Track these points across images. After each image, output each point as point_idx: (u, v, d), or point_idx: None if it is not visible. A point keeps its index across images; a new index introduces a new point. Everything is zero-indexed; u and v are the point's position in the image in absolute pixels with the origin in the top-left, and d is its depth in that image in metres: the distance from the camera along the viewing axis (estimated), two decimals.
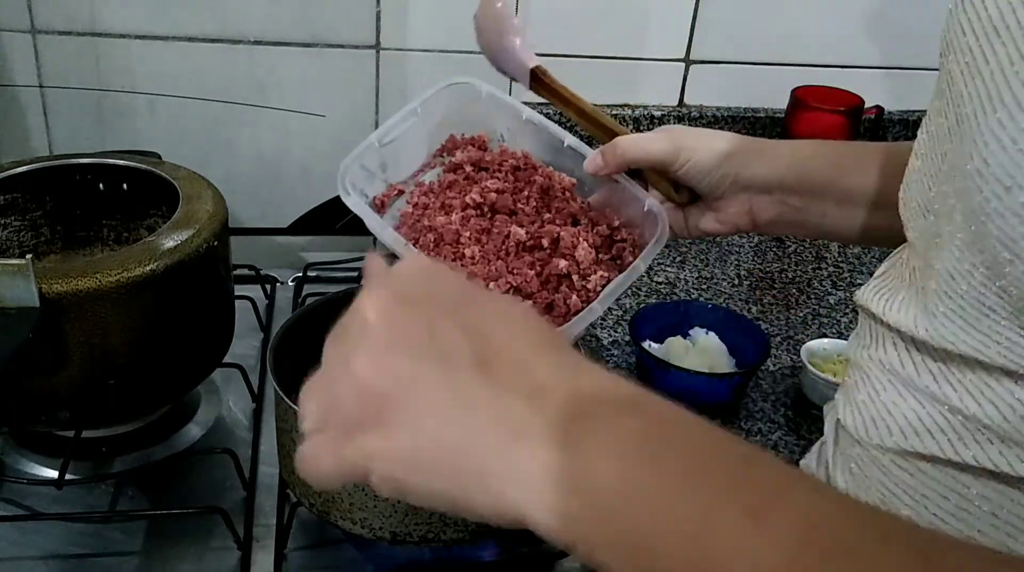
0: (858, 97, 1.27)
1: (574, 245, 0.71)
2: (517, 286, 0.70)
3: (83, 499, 0.88)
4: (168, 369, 0.88)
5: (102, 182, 1.00)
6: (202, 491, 0.90)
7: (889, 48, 1.39)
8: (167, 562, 0.82)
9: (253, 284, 1.18)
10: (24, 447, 0.93)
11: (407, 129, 0.78)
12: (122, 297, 0.79)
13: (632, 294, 1.11)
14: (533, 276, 0.70)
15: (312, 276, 1.22)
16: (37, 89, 1.22)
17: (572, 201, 0.77)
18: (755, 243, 1.26)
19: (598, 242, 0.74)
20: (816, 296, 1.15)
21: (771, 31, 1.35)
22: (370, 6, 1.23)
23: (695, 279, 1.16)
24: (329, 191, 1.32)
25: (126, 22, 1.20)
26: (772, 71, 1.37)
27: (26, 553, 0.82)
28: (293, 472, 0.81)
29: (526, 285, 0.70)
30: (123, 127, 1.25)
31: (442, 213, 0.74)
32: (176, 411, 0.99)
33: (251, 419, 0.99)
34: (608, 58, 1.34)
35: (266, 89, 1.26)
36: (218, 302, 0.94)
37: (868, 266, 1.22)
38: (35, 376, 0.80)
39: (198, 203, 0.90)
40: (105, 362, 0.81)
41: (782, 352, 1.04)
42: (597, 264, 0.72)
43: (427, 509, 0.75)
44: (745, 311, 1.10)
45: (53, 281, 0.76)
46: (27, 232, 1.00)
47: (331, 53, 1.25)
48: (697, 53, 1.36)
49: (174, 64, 1.22)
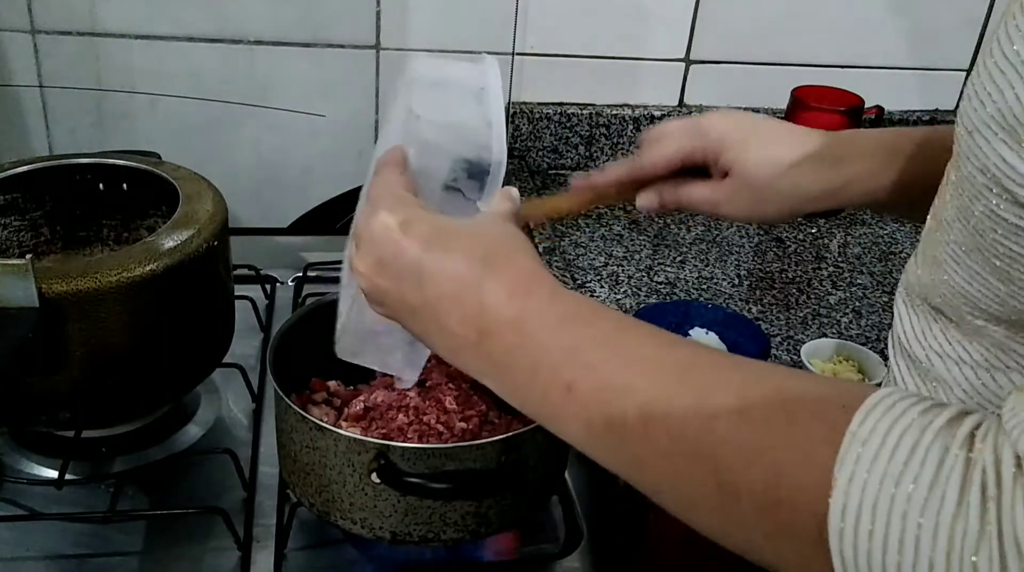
0: (858, 97, 1.27)
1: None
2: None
3: (83, 499, 0.88)
4: (168, 369, 0.88)
5: (102, 182, 1.00)
6: (202, 491, 0.90)
7: (889, 48, 1.40)
8: (167, 562, 0.82)
9: (253, 284, 1.18)
10: (24, 447, 0.93)
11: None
12: (122, 297, 0.79)
13: (632, 294, 1.11)
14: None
15: (312, 276, 1.22)
16: (37, 89, 1.22)
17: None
18: (755, 243, 1.26)
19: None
20: (816, 296, 1.15)
21: (771, 31, 1.35)
22: (370, 6, 1.23)
23: (695, 279, 1.16)
24: (329, 191, 1.33)
25: (126, 22, 1.20)
26: (772, 71, 1.37)
27: (26, 553, 0.82)
28: (293, 472, 0.81)
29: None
30: (123, 127, 1.25)
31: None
32: (176, 411, 0.99)
33: (251, 419, 0.99)
34: (608, 58, 1.34)
35: (266, 89, 1.26)
36: (218, 302, 0.94)
37: (868, 266, 1.22)
38: (35, 376, 0.79)
39: (198, 203, 0.90)
40: (105, 362, 0.81)
41: (782, 352, 1.04)
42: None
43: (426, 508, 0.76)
44: (745, 311, 1.10)
45: (53, 281, 0.76)
46: (27, 232, 1.00)
47: (331, 53, 1.25)
48: (697, 53, 1.36)
49: (174, 64, 1.22)
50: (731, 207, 0.74)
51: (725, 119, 0.74)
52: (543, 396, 0.48)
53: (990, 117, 0.44)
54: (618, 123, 1.37)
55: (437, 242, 0.52)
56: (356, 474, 0.74)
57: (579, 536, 0.88)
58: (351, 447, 0.74)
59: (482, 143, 0.61)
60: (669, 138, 0.74)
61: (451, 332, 0.51)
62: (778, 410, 0.40)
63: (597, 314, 0.49)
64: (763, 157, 0.72)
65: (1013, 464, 0.34)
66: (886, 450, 0.36)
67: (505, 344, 0.49)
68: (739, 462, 0.40)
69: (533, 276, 0.51)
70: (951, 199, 0.51)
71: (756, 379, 0.43)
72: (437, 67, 0.64)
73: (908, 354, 0.58)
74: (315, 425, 0.75)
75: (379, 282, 0.54)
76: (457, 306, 0.51)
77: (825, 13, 1.35)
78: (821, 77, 1.34)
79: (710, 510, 0.42)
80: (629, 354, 0.46)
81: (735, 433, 0.41)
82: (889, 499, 0.35)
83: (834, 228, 1.32)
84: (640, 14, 1.31)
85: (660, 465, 0.44)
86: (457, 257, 0.51)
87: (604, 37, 1.32)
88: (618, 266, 1.16)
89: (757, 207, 0.74)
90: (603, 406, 0.45)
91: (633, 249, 1.21)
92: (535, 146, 1.37)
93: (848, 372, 0.96)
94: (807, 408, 0.40)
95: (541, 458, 0.79)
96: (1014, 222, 0.45)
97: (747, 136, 0.72)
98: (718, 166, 0.73)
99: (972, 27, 1.40)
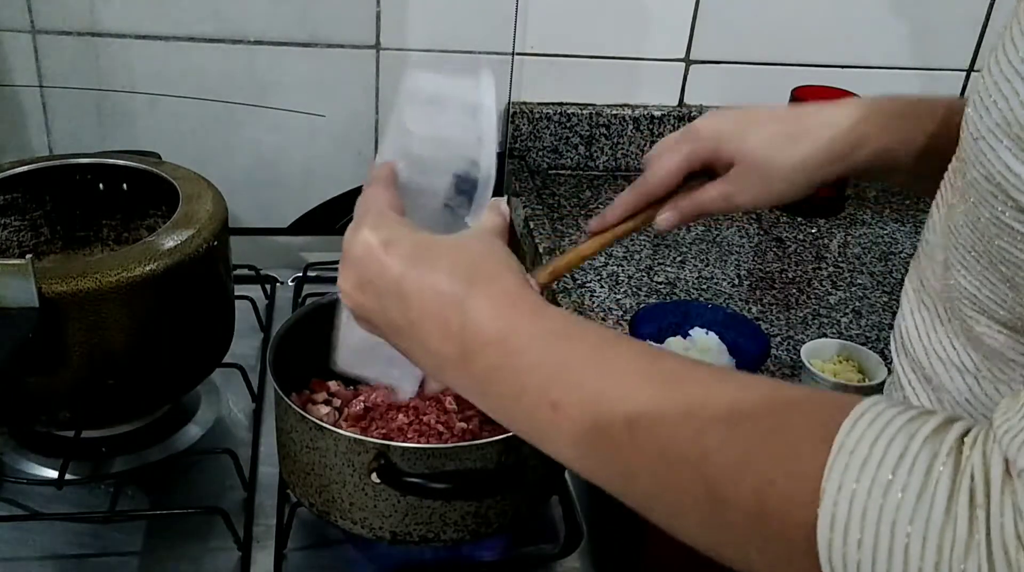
0: (858, 97, 1.27)
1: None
2: None
3: (83, 499, 0.88)
4: (168, 369, 0.88)
5: (102, 182, 1.00)
6: (202, 491, 0.90)
7: (889, 48, 1.40)
8: (167, 562, 0.82)
9: (253, 284, 1.18)
10: (24, 447, 0.93)
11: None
12: (122, 297, 0.79)
13: (632, 294, 1.11)
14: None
15: (312, 276, 1.22)
16: (37, 89, 1.22)
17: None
18: (755, 243, 1.26)
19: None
20: (816, 296, 1.15)
21: (771, 31, 1.35)
22: (370, 6, 1.23)
23: (695, 279, 1.16)
24: (329, 191, 1.33)
25: (126, 22, 1.20)
26: (772, 71, 1.37)
27: (26, 553, 0.82)
28: (293, 472, 0.81)
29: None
30: (123, 127, 1.25)
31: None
32: (176, 411, 0.99)
33: (251, 419, 0.99)
34: (608, 58, 1.34)
35: (266, 89, 1.26)
36: (218, 302, 0.94)
37: (868, 266, 1.21)
38: (35, 376, 0.79)
39: (198, 203, 0.90)
40: (105, 362, 0.81)
41: (782, 352, 1.04)
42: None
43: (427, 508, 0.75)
44: (745, 311, 1.09)
45: (53, 281, 0.76)
46: (27, 232, 1.00)
47: (331, 53, 1.25)
48: (697, 53, 1.36)
49: (174, 64, 1.22)
50: (745, 195, 0.73)
51: (715, 117, 0.74)
52: (529, 415, 0.48)
53: (995, 124, 0.44)
54: (618, 123, 1.37)
55: (420, 260, 0.52)
56: (356, 474, 0.74)
57: (579, 536, 0.88)
58: (351, 447, 0.74)
59: (471, 159, 0.61)
60: (668, 151, 0.74)
61: (434, 351, 0.51)
62: (766, 421, 0.40)
63: (581, 330, 0.49)
64: (762, 137, 0.71)
65: (1002, 469, 0.34)
66: (874, 460, 0.36)
67: (489, 363, 0.49)
68: (728, 472, 0.40)
69: (516, 294, 0.51)
70: (959, 203, 0.51)
71: (743, 390, 0.43)
72: (432, 82, 0.64)
73: (909, 353, 0.58)
74: (315, 425, 0.75)
75: (362, 300, 0.54)
76: (439, 325, 0.50)
77: (825, 13, 1.35)
78: (821, 77, 1.34)
79: (700, 521, 0.42)
80: (615, 369, 0.46)
81: (723, 443, 0.40)
82: (878, 509, 0.35)
83: (834, 228, 1.32)
84: (640, 14, 1.31)
85: (649, 476, 0.43)
86: (440, 275, 0.51)
87: (604, 37, 1.32)
88: (618, 266, 1.16)
89: (771, 188, 0.72)
90: (590, 420, 0.45)
91: (633, 249, 1.21)
92: (535, 146, 1.37)
93: (848, 372, 0.96)
94: (795, 419, 0.40)
95: (541, 458, 0.78)
96: (1019, 229, 0.45)
97: (741, 124, 0.72)
98: (721, 161, 0.73)
99: (972, 27, 1.40)
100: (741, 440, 0.40)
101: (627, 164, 1.40)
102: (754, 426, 0.40)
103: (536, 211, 1.26)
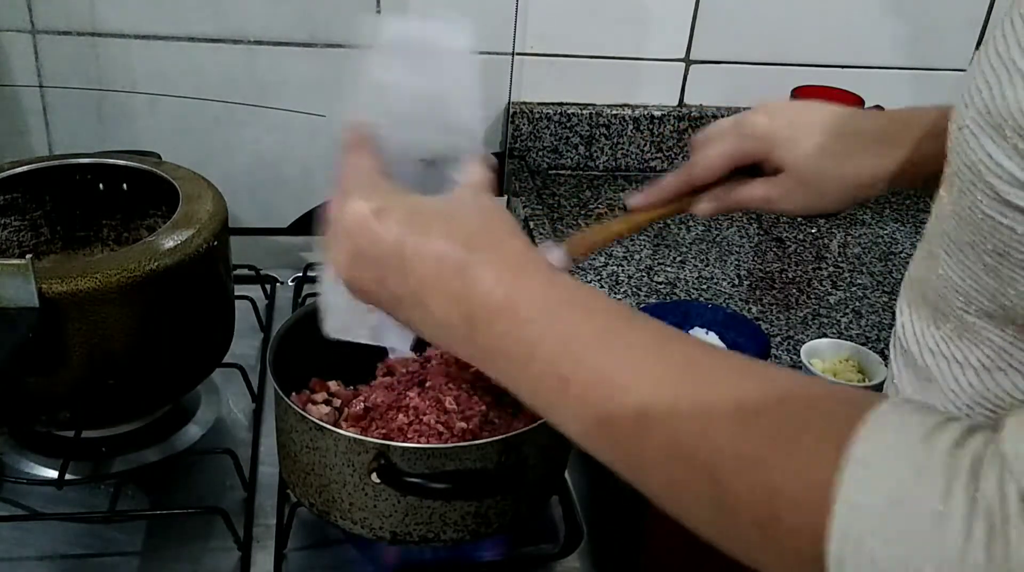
0: (858, 97, 1.27)
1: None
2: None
3: (83, 499, 0.88)
4: (168, 369, 0.88)
5: (102, 182, 1.00)
6: (202, 491, 0.90)
7: (889, 48, 1.39)
8: (167, 562, 0.82)
9: (253, 284, 1.18)
10: (24, 447, 0.93)
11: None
12: (122, 297, 0.79)
13: (632, 294, 1.11)
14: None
15: (312, 276, 1.21)
16: (37, 89, 1.22)
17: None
18: (755, 243, 1.26)
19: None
20: (816, 296, 1.15)
21: (771, 31, 1.35)
22: (370, 6, 1.23)
23: (695, 279, 1.16)
24: (329, 191, 1.32)
25: (126, 22, 1.20)
26: (772, 71, 1.37)
27: (26, 553, 0.82)
28: (293, 472, 0.81)
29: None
30: (123, 127, 1.25)
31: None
32: (176, 411, 0.99)
33: (251, 419, 0.99)
34: (608, 58, 1.34)
35: (266, 89, 1.26)
36: (218, 302, 0.94)
37: (868, 266, 1.22)
38: (35, 376, 0.79)
39: (198, 203, 0.90)
40: (105, 362, 0.81)
41: (782, 352, 1.04)
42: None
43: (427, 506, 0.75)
44: (745, 311, 1.10)
45: (53, 281, 0.76)
46: (27, 232, 1.00)
47: (331, 53, 1.25)
48: (697, 53, 1.36)
49: (174, 64, 1.22)
50: (788, 203, 0.74)
51: (769, 115, 0.73)
52: (536, 386, 0.47)
53: (977, 113, 0.44)
54: (618, 123, 1.37)
55: (415, 226, 0.50)
56: (356, 474, 0.74)
57: (579, 536, 0.88)
58: (351, 447, 0.74)
59: (454, 109, 0.57)
60: (717, 141, 0.74)
61: (437, 320, 0.49)
62: (777, 420, 0.39)
63: (594, 302, 0.47)
64: (814, 151, 0.71)
65: (1016, 499, 0.32)
66: (888, 475, 0.35)
67: (495, 331, 0.47)
68: (736, 472, 0.39)
69: (523, 258, 0.49)
70: (945, 194, 0.51)
71: (757, 383, 0.42)
72: (403, 29, 0.59)
73: (905, 351, 0.58)
74: (315, 425, 0.75)
75: (358, 273, 0.52)
76: (441, 292, 0.48)
77: (825, 13, 1.35)
78: (821, 77, 1.34)
79: (707, 517, 0.41)
80: (626, 348, 0.45)
81: (733, 442, 0.39)
82: (891, 527, 0.34)
83: (834, 228, 1.32)
84: (640, 14, 1.31)
85: (656, 469, 0.43)
86: (438, 241, 0.49)
87: (604, 37, 1.32)
88: (618, 266, 1.16)
89: (815, 200, 0.73)
90: (598, 404, 0.44)
91: (633, 249, 1.21)
92: (535, 146, 1.37)
93: (848, 372, 0.96)
94: (808, 420, 0.39)
95: (541, 458, 0.79)
96: (998, 219, 0.45)
97: (795, 131, 0.72)
98: (770, 163, 0.73)
99: (972, 27, 1.40)
100: (750, 439, 0.39)
101: (627, 164, 1.40)
102: (764, 425, 0.39)
103: (536, 211, 1.26)
